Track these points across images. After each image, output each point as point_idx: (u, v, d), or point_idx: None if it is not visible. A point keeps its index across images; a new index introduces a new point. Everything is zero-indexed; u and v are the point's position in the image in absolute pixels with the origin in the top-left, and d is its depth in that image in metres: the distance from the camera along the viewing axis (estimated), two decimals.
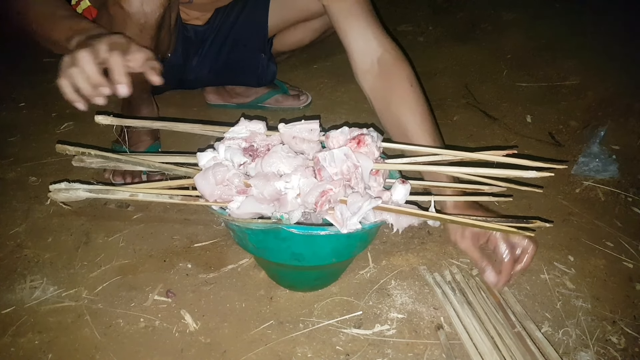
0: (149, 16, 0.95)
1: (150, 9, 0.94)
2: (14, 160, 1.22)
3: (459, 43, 1.91)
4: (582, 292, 0.90)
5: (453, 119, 1.45)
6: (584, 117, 1.43)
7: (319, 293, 0.89)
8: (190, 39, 1.27)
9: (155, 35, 1.00)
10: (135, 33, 0.95)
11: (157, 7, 0.95)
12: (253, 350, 0.79)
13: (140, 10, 0.93)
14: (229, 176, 0.73)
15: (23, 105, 1.46)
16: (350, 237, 0.74)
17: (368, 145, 0.76)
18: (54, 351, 0.78)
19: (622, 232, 1.04)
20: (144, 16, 0.94)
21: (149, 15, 0.95)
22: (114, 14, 0.94)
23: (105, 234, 1.00)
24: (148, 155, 0.84)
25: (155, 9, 0.95)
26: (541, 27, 1.91)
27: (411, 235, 1.02)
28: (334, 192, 0.70)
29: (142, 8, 0.93)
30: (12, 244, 0.98)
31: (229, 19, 1.30)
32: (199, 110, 1.46)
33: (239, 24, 1.31)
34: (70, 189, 0.78)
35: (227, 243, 0.99)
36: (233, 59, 1.33)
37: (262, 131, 0.80)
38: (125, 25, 0.94)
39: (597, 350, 0.80)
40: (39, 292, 0.88)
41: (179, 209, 1.08)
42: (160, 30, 1.02)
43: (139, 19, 0.94)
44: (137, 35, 0.95)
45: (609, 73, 1.55)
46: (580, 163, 1.21)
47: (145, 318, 0.84)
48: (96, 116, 0.81)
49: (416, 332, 0.82)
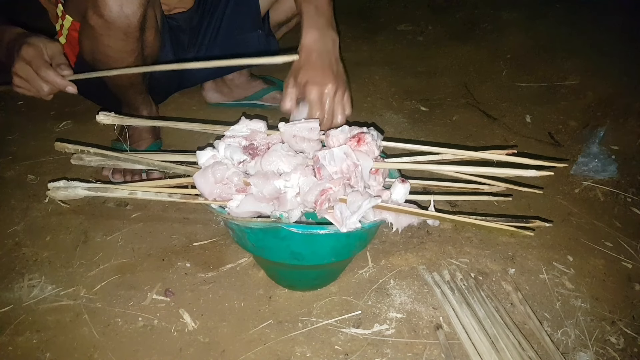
0: (130, 18, 0.92)
1: (131, 11, 0.91)
2: (12, 159, 1.21)
3: (459, 43, 1.91)
4: (581, 292, 0.90)
5: (452, 119, 1.45)
6: (583, 117, 1.43)
7: (318, 292, 0.89)
8: (181, 28, 1.25)
9: (141, 37, 0.98)
10: (120, 39, 0.94)
11: (138, 6, 0.92)
12: (252, 350, 0.79)
13: (121, 14, 0.90)
14: (228, 175, 0.72)
15: (21, 103, 1.46)
16: (350, 236, 0.74)
17: (368, 144, 0.76)
18: (52, 350, 0.78)
19: (621, 232, 1.04)
20: (126, 19, 0.91)
21: (130, 17, 0.92)
22: (94, 24, 0.92)
23: (103, 232, 1.00)
24: (147, 154, 0.84)
25: (136, 10, 0.92)
26: (541, 27, 1.91)
27: (410, 235, 1.02)
28: (333, 191, 0.70)
29: (123, 11, 0.90)
30: (11, 242, 0.98)
31: (219, 3, 1.28)
32: (198, 109, 1.46)
33: (230, 8, 1.28)
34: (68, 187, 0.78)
35: (226, 242, 0.99)
36: (231, 44, 1.31)
37: (262, 130, 0.80)
38: (109, 34, 0.92)
39: (596, 350, 0.80)
40: (37, 291, 0.88)
41: (178, 207, 1.08)
42: (145, 31, 1.00)
43: (121, 24, 0.91)
44: (122, 41, 0.94)
45: (609, 73, 1.55)
46: (579, 163, 1.22)
47: (143, 317, 0.84)
48: (97, 115, 0.81)
49: (415, 332, 0.82)
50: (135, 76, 1.07)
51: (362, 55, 1.85)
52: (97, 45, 0.95)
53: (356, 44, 1.93)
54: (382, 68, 1.73)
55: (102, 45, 0.95)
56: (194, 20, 1.26)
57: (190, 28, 1.27)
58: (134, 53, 0.99)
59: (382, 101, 1.53)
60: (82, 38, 0.99)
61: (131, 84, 1.09)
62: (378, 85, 1.63)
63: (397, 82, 1.65)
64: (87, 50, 0.99)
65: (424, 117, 1.46)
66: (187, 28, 1.26)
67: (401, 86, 1.63)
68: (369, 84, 1.63)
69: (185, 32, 1.26)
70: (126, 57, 0.98)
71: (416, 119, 1.45)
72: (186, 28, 1.26)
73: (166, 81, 1.30)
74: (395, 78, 1.68)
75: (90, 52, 0.98)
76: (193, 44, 1.29)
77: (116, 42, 0.94)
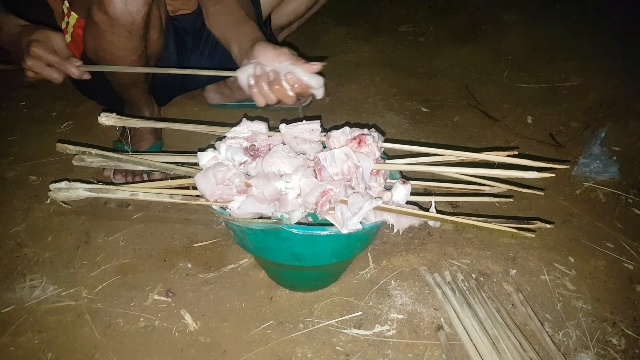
0: (135, 15, 0.92)
1: (135, 8, 0.91)
2: (14, 160, 1.22)
3: (460, 44, 1.91)
4: (583, 293, 0.90)
5: (453, 120, 1.45)
6: (584, 118, 1.43)
7: (319, 293, 0.89)
8: (185, 29, 1.25)
9: (145, 35, 0.98)
10: (124, 36, 0.94)
11: (142, 4, 0.92)
12: (253, 351, 0.79)
13: (125, 11, 0.90)
14: (229, 176, 0.73)
15: (24, 104, 1.46)
16: (351, 238, 0.74)
17: (369, 145, 0.76)
18: (53, 350, 0.78)
19: (622, 233, 1.04)
20: (130, 16, 0.91)
21: (135, 15, 0.92)
22: (99, 21, 0.92)
23: (105, 233, 1.00)
24: (148, 155, 0.84)
25: (140, 7, 0.92)
26: (542, 28, 1.91)
27: (411, 236, 1.02)
28: (334, 192, 0.70)
29: (127, 8, 0.90)
30: (12, 243, 0.98)
31: None
32: (199, 110, 1.46)
33: None
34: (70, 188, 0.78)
35: (227, 243, 0.99)
36: None
37: (263, 131, 0.80)
38: (113, 31, 0.92)
39: (597, 351, 0.80)
40: (39, 291, 0.88)
41: (179, 208, 1.08)
42: (148, 30, 1.00)
43: (125, 21, 0.92)
44: (126, 38, 0.94)
45: (610, 74, 1.55)
46: (580, 164, 1.22)
47: (145, 318, 0.84)
48: (99, 117, 0.81)
49: (416, 333, 0.82)
50: (139, 75, 1.08)
51: (364, 56, 1.85)
52: (101, 42, 0.96)
53: (357, 45, 1.93)
54: (383, 69, 1.73)
55: (106, 42, 0.95)
56: (198, 23, 1.27)
57: (194, 30, 1.27)
58: (137, 51, 0.99)
59: (383, 102, 1.54)
60: (87, 35, 0.99)
61: (134, 83, 1.10)
62: (379, 86, 1.63)
63: (398, 83, 1.65)
64: (91, 47, 0.99)
65: (425, 118, 1.47)
66: (190, 30, 1.27)
67: (402, 87, 1.63)
68: (370, 85, 1.63)
69: (189, 34, 1.27)
70: (130, 54, 0.98)
71: (417, 120, 1.45)
72: (190, 30, 1.27)
73: (169, 84, 1.30)
74: (397, 79, 1.68)
75: (94, 50, 0.99)
76: (196, 47, 1.30)
77: (120, 39, 0.94)
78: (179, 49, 1.24)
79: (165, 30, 1.11)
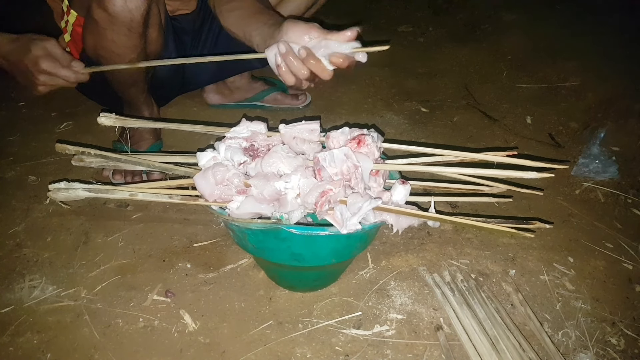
0: (134, 12, 0.92)
1: (134, 5, 0.91)
2: (13, 160, 1.22)
3: (459, 44, 1.91)
4: (582, 294, 0.90)
5: (453, 120, 1.45)
6: (584, 118, 1.43)
7: (318, 293, 0.89)
8: (184, 29, 1.25)
9: (144, 33, 0.98)
10: (123, 34, 0.93)
11: (142, 2, 0.92)
12: (252, 351, 0.79)
13: (124, 8, 0.90)
14: (228, 176, 0.72)
15: (23, 104, 1.46)
16: (350, 238, 0.74)
17: (368, 146, 0.76)
18: (52, 351, 0.78)
19: (621, 233, 1.04)
20: (129, 13, 0.91)
21: (134, 12, 0.92)
22: (98, 18, 0.92)
23: (104, 233, 1.00)
24: (148, 155, 0.84)
25: (140, 5, 0.92)
26: (541, 29, 1.91)
27: (411, 236, 1.02)
28: (333, 193, 0.70)
29: (126, 5, 0.90)
30: (11, 243, 0.98)
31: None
32: (198, 110, 1.46)
33: None
34: (69, 189, 0.78)
35: (226, 243, 0.99)
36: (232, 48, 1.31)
37: (263, 131, 0.80)
38: (112, 28, 0.92)
39: (597, 351, 0.80)
40: (38, 292, 0.88)
41: (179, 208, 1.08)
42: (148, 27, 0.99)
43: (124, 18, 0.91)
44: (125, 36, 0.94)
45: (609, 74, 1.55)
46: (580, 164, 1.22)
47: (144, 318, 0.84)
48: (98, 117, 0.81)
49: (415, 333, 0.82)
50: (138, 74, 1.08)
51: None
52: (101, 40, 0.96)
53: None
54: (382, 69, 1.73)
55: (105, 40, 0.95)
56: (197, 23, 1.27)
57: (193, 30, 1.27)
58: (137, 49, 0.99)
59: (382, 102, 1.54)
60: (86, 33, 0.99)
61: (133, 82, 1.10)
62: (378, 86, 1.63)
63: (397, 84, 1.65)
64: (91, 45, 0.99)
65: (425, 118, 1.47)
66: (190, 30, 1.27)
67: (402, 87, 1.63)
68: (370, 85, 1.63)
69: (188, 34, 1.27)
70: (129, 53, 0.98)
71: (417, 120, 1.45)
72: (189, 30, 1.26)
73: (168, 84, 1.30)
74: (396, 79, 1.68)
75: (94, 48, 0.99)
76: (195, 47, 1.30)
77: (119, 37, 0.94)
78: (178, 49, 1.24)
79: (164, 29, 1.11)
